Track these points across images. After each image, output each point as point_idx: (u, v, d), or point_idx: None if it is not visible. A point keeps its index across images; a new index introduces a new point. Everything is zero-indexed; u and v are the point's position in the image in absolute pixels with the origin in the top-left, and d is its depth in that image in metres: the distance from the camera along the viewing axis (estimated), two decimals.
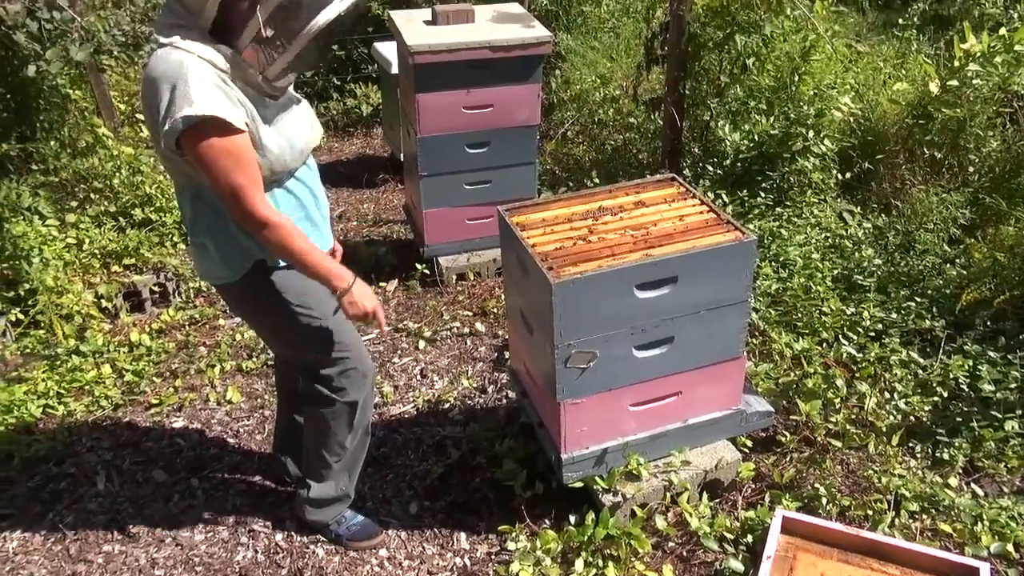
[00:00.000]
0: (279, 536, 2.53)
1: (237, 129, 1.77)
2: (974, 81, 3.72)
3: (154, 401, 3.16)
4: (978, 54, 3.69)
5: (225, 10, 1.75)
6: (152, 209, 4.15)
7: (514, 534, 2.40)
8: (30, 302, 3.43)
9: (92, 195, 4.12)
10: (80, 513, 2.64)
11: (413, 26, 3.59)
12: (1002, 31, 3.75)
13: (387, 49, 4.76)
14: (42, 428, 3.01)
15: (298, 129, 1.98)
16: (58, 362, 3.28)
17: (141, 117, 5.05)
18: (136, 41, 3.10)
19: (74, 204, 4.07)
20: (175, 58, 1.73)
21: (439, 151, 3.63)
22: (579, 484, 2.42)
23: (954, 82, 3.74)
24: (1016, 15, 4.65)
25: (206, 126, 1.73)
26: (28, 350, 3.35)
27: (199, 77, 1.72)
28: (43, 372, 3.22)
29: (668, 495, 2.45)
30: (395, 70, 4.38)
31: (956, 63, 3.73)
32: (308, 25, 1.74)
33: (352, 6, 1.77)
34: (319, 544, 2.50)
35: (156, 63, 1.75)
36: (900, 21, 5.14)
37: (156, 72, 1.73)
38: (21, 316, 3.42)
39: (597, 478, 2.41)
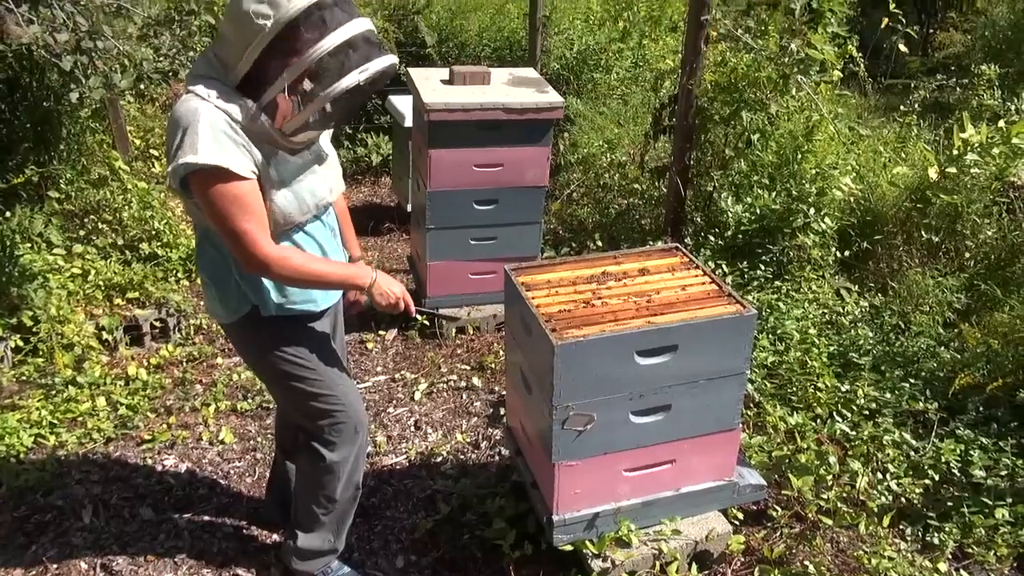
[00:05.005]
0: None
1: (242, 176, 1.84)
2: (972, 170, 3.82)
3: (146, 437, 3.15)
4: (976, 144, 3.80)
5: (256, 68, 1.82)
6: (159, 244, 4.20)
7: None
8: (33, 329, 3.44)
9: (101, 226, 4.17)
10: (64, 547, 2.62)
11: (430, 84, 3.69)
12: (1000, 123, 3.87)
13: (401, 102, 4.87)
14: (32, 458, 2.99)
15: (311, 186, 2.03)
16: (54, 391, 3.28)
17: (155, 153, 5.14)
18: (174, 70, 3.19)
19: (82, 234, 4.11)
20: (192, 104, 1.81)
21: (448, 206, 3.70)
22: (569, 547, 2.41)
23: (952, 169, 3.84)
24: (1014, 108, 4.78)
25: (209, 174, 1.81)
26: (25, 378, 3.35)
27: (208, 125, 1.79)
28: (38, 401, 3.22)
29: (657, 564, 2.43)
30: (408, 123, 4.48)
31: (955, 151, 3.84)
32: (327, 90, 1.81)
33: (375, 75, 1.84)
34: None
35: (177, 107, 1.84)
36: (902, 107, 5.29)
37: (175, 116, 1.83)
38: (21, 343, 3.43)
39: (587, 542, 2.40)
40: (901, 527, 2.71)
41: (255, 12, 1.74)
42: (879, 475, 2.86)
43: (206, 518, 2.77)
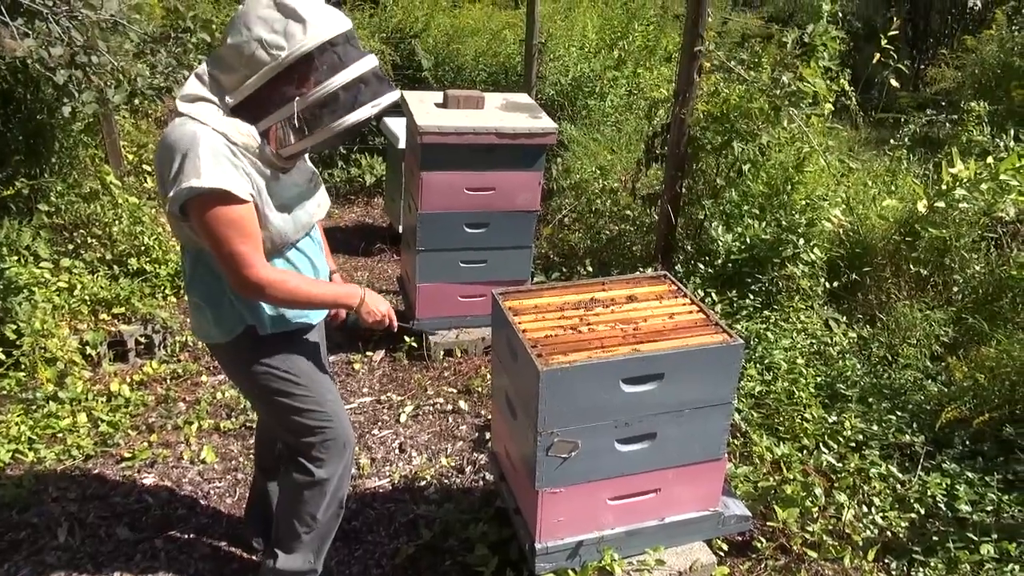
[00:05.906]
0: None
1: (242, 200, 1.83)
2: (960, 205, 3.85)
3: (126, 455, 3.11)
4: (965, 179, 3.82)
5: (259, 95, 1.82)
6: (148, 260, 4.18)
7: None
8: (16, 343, 3.41)
9: (90, 240, 4.15)
10: (37, 566, 2.57)
11: (424, 107, 3.71)
12: (989, 159, 3.90)
13: (396, 124, 4.89)
14: (9, 473, 2.95)
15: (303, 204, 2.05)
16: (34, 406, 3.24)
17: (147, 168, 5.14)
18: (169, 86, 3.20)
19: (71, 248, 4.09)
20: (189, 129, 1.80)
21: (438, 228, 3.70)
22: None
23: (941, 204, 3.86)
24: (1002, 144, 4.83)
25: (211, 197, 1.80)
26: (5, 392, 3.31)
27: (209, 149, 1.78)
28: (17, 416, 3.18)
29: None
30: (402, 145, 4.49)
31: (944, 186, 3.87)
32: (338, 121, 1.83)
33: (384, 110, 1.87)
34: None
35: (172, 131, 1.82)
36: (892, 141, 5.33)
37: (170, 140, 1.81)
38: (3, 356, 3.39)
39: (570, 571, 2.37)
40: (886, 561, 2.69)
41: (268, 42, 1.75)
42: (865, 508, 2.85)
43: (184, 538, 2.73)
